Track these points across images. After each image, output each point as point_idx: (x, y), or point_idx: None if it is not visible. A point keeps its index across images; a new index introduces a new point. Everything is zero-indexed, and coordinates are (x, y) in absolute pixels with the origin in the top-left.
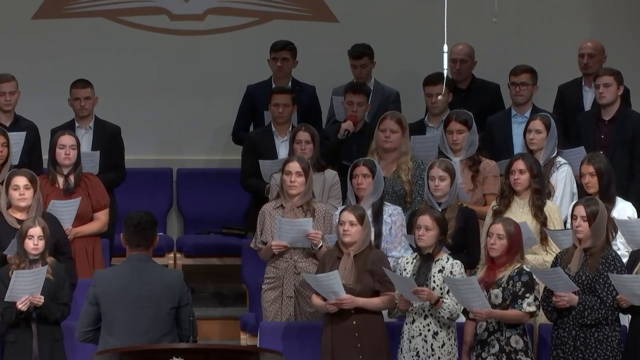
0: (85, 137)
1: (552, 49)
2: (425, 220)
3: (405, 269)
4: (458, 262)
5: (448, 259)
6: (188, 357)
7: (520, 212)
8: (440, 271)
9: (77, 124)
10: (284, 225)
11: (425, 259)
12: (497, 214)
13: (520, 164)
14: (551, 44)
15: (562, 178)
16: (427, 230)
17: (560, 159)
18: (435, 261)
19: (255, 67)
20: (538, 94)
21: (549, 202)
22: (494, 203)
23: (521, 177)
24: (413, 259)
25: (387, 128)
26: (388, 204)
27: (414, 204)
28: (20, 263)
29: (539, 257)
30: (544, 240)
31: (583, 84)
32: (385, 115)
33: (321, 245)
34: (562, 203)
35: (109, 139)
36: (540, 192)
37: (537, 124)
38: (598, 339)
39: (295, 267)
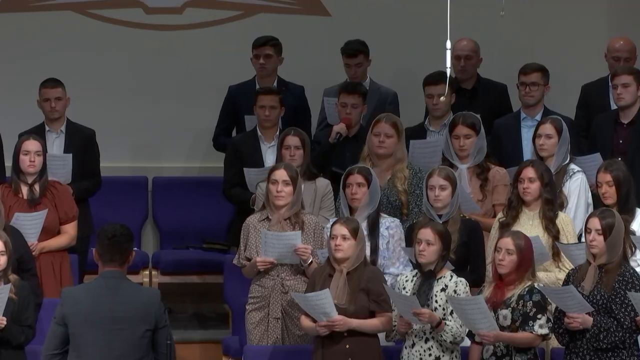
0: (57, 142)
1: (566, 45)
2: (426, 233)
3: (404, 288)
4: (463, 280)
5: (452, 276)
6: None
7: (529, 225)
8: (443, 290)
9: (47, 128)
10: (270, 239)
11: (427, 277)
12: (504, 227)
13: (529, 172)
14: (565, 39)
15: (576, 187)
16: (429, 245)
17: (573, 166)
18: (438, 279)
19: (239, 65)
20: (552, 95)
21: (561, 214)
22: (500, 214)
23: (531, 186)
24: (413, 276)
25: (381, 132)
26: (385, 215)
27: (410, 215)
28: None
29: (551, 275)
30: (556, 255)
31: (609, 83)
32: (379, 117)
33: (311, 261)
34: (576, 215)
35: (82, 144)
36: (552, 202)
37: (548, 128)
38: None
39: (282, 285)
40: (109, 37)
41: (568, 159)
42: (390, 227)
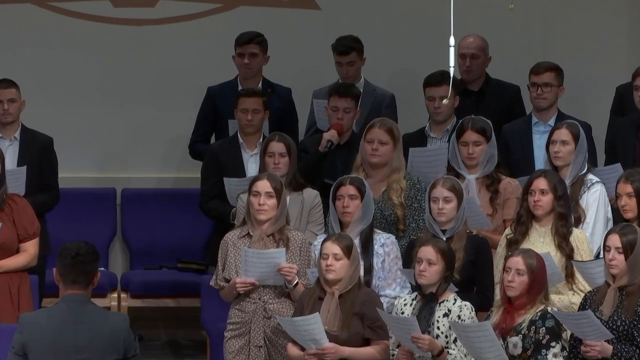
0: (10, 150)
1: (583, 42)
2: (427, 252)
3: (402, 312)
4: (468, 304)
5: (455, 300)
6: None
7: (540, 242)
8: (445, 315)
9: None
10: (251, 257)
11: (428, 300)
12: (512, 244)
13: (541, 183)
14: (582, 35)
15: (595, 200)
16: (430, 264)
17: (591, 177)
18: (440, 303)
19: (218, 64)
20: (565, 98)
21: (576, 231)
22: (507, 230)
23: (542, 198)
24: (412, 299)
25: (375, 138)
26: (379, 231)
27: (407, 231)
28: None
29: (564, 298)
30: (570, 276)
31: None
32: (372, 122)
33: (296, 283)
34: (594, 231)
35: (39, 153)
36: (566, 217)
37: (563, 134)
38: None
39: (265, 309)
40: (72, 33)
41: (585, 168)
42: (386, 244)
